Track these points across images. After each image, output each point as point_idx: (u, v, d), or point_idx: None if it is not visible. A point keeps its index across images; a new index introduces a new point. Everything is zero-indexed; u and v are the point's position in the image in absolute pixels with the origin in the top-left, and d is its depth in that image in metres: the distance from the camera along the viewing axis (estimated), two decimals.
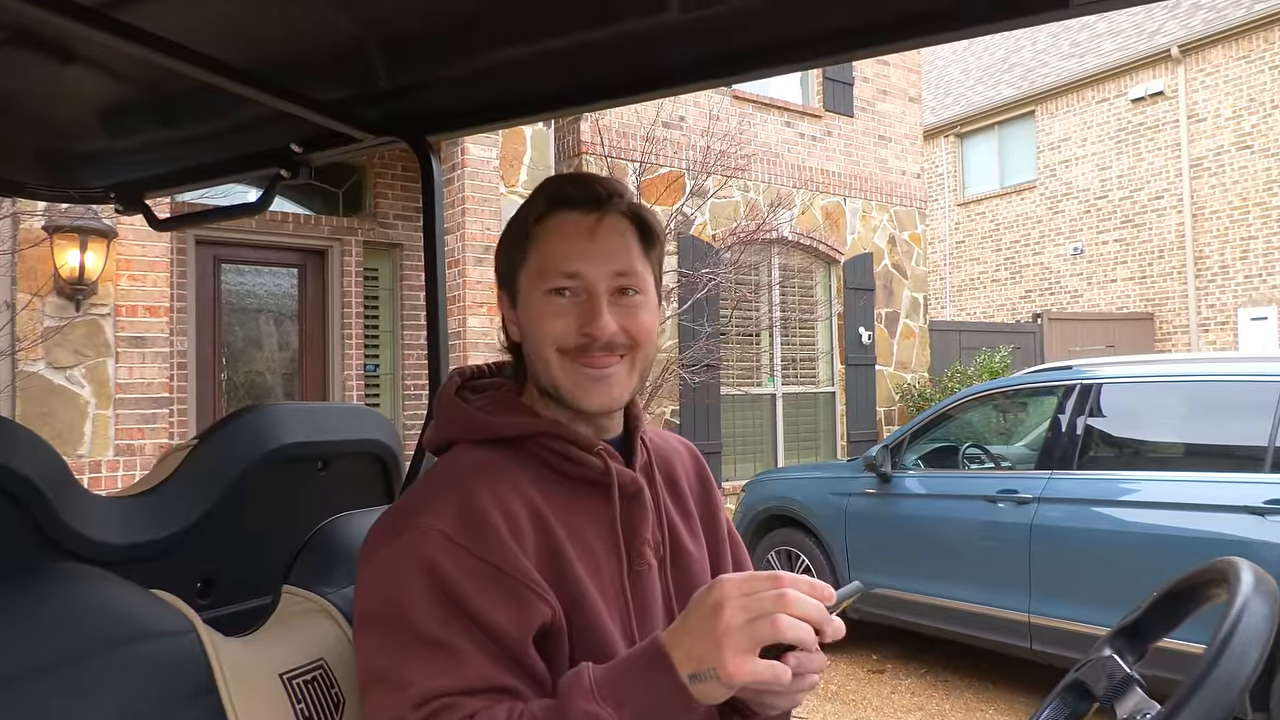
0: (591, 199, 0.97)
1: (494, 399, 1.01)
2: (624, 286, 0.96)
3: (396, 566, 0.85)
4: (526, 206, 1.00)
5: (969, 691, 4.44)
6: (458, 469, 0.94)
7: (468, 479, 0.91)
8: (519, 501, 0.90)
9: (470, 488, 0.90)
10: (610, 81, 1.30)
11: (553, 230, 0.97)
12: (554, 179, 1.01)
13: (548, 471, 0.96)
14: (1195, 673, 0.65)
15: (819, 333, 9.38)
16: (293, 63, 1.24)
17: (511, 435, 0.96)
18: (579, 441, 0.96)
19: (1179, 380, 4.08)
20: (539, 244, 0.97)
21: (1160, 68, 12.98)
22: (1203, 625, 0.87)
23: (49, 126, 1.52)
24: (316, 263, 6.68)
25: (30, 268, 4.97)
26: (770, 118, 8.83)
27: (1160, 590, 0.88)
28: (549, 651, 0.87)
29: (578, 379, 0.95)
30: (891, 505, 4.83)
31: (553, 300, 0.95)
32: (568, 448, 0.96)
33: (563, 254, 0.95)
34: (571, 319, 0.95)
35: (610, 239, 0.96)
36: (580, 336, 0.94)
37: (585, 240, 0.95)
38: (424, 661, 0.81)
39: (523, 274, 0.99)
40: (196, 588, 1.22)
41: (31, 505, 1.02)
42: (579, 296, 0.95)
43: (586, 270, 0.95)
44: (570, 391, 0.96)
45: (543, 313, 0.95)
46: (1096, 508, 3.92)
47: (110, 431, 5.16)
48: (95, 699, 0.83)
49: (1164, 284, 12.97)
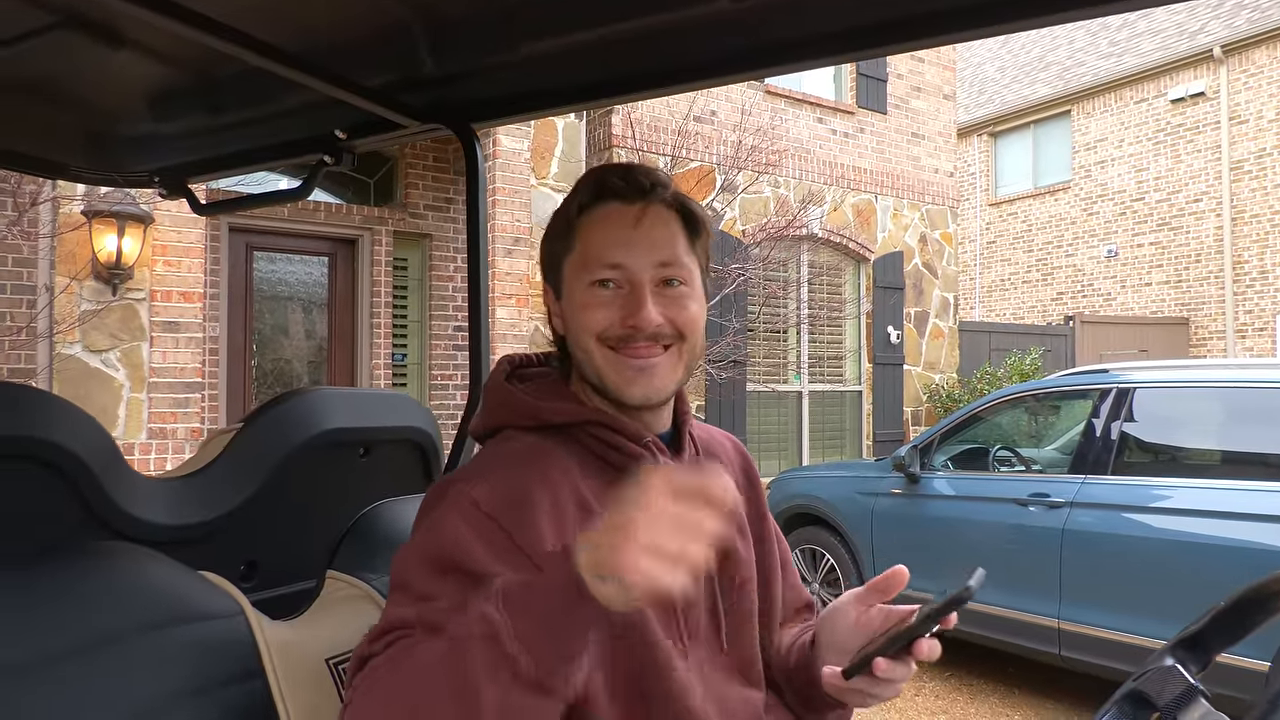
0: (635, 189, 0.96)
1: (542, 387, 1.01)
2: (669, 277, 0.95)
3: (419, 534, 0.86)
4: (571, 197, 0.99)
5: (994, 696, 4.39)
6: (508, 451, 0.94)
7: (517, 462, 0.91)
8: (566, 488, 0.90)
9: (518, 471, 0.89)
10: (652, 71, 1.29)
11: (596, 221, 0.96)
12: (598, 169, 1.00)
13: (595, 460, 0.95)
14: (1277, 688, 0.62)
15: (847, 331, 9.31)
16: (341, 48, 1.24)
17: (560, 422, 0.95)
18: (627, 432, 0.95)
19: (1217, 386, 4.00)
20: (582, 235, 0.96)
21: (1202, 68, 12.73)
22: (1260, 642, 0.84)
23: (95, 109, 1.53)
24: (346, 252, 6.73)
25: (69, 251, 5.04)
26: (802, 113, 8.76)
27: (1227, 599, 0.85)
28: None
29: (620, 369, 0.94)
30: (919, 506, 4.78)
31: (596, 291, 0.94)
32: (615, 437, 0.95)
33: (606, 244, 0.94)
34: (615, 310, 0.93)
35: (654, 229, 0.95)
36: (623, 328, 0.93)
37: (629, 230, 0.94)
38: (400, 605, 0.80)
39: (566, 265, 0.97)
40: (240, 570, 1.23)
41: (79, 482, 1.03)
42: (622, 288, 0.94)
43: (630, 261, 0.94)
44: (613, 382, 0.94)
45: (585, 303, 0.94)
46: (1130, 514, 3.86)
47: (144, 415, 5.23)
48: (142, 678, 0.83)
49: (1200, 288, 12.74)
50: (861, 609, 0.97)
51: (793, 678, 1.03)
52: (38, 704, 0.76)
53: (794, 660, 1.03)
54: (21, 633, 0.79)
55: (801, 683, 1.01)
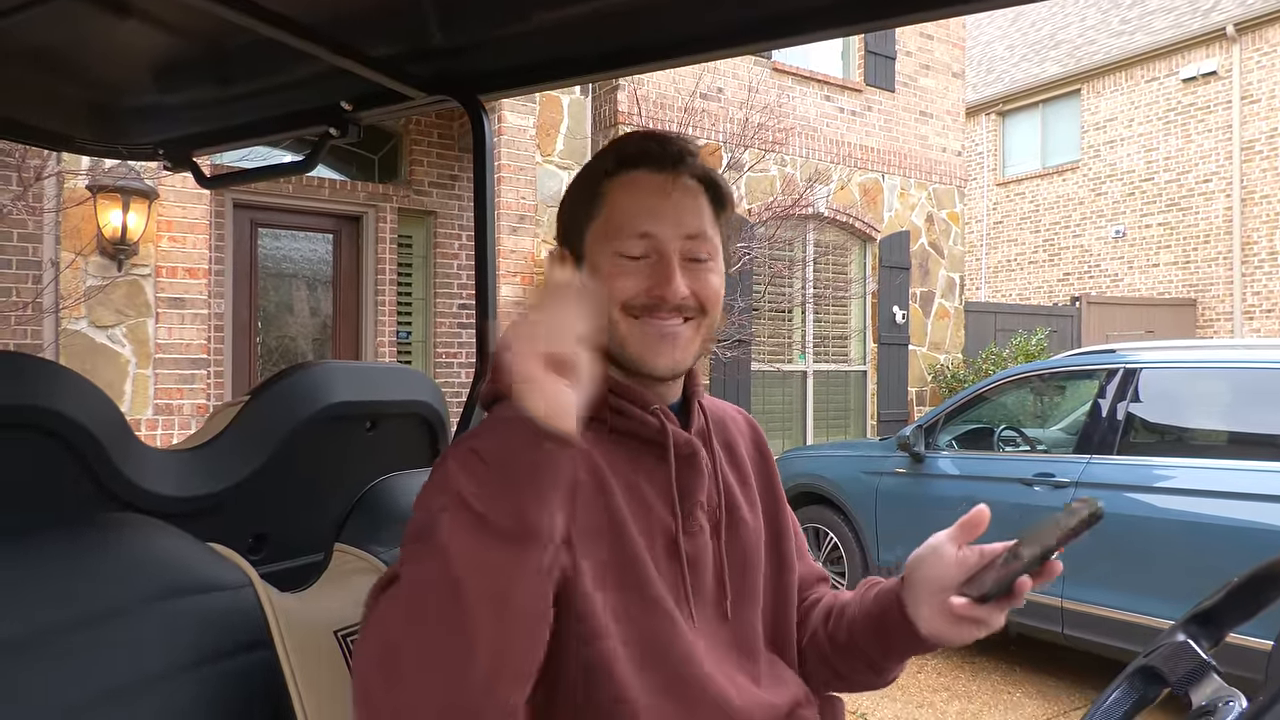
0: (668, 157, 0.94)
1: None
2: (694, 249, 0.94)
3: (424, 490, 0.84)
4: (597, 161, 0.97)
5: (996, 674, 4.42)
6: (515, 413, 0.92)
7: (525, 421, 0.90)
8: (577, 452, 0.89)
9: None
10: (660, 42, 1.27)
11: (625, 187, 0.94)
12: (629, 135, 0.98)
13: (602, 427, 0.94)
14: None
15: (852, 310, 9.28)
16: (348, 17, 1.22)
17: None
18: (636, 399, 0.95)
19: (1225, 366, 3.98)
20: (610, 201, 0.94)
21: (1214, 46, 12.58)
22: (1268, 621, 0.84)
23: (100, 80, 1.52)
24: (351, 229, 6.71)
25: (74, 227, 5.03)
26: (810, 91, 8.69)
27: (1241, 575, 0.85)
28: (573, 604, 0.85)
29: (644, 337, 0.93)
30: (924, 485, 4.78)
31: (621, 260, 0.93)
32: (624, 404, 0.94)
33: (635, 212, 0.93)
34: (641, 279, 0.92)
35: (683, 199, 0.94)
36: (649, 297, 0.92)
37: (659, 199, 0.93)
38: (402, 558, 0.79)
39: (590, 231, 0.96)
40: (248, 543, 1.23)
41: (87, 454, 1.02)
42: (649, 257, 0.93)
43: (659, 231, 0.92)
44: (636, 351, 0.93)
45: (611, 272, 0.93)
46: (1136, 494, 3.85)
47: (150, 391, 5.25)
48: (151, 649, 0.83)
49: (1208, 269, 12.67)
50: (955, 548, 0.97)
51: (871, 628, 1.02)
52: (46, 674, 0.76)
53: (874, 610, 1.01)
54: (30, 603, 0.79)
55: (889, 629, 0.99)
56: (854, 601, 1.06)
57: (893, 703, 4.02)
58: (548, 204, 6.94)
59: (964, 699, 4.11)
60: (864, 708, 3.94)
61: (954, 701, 4.08)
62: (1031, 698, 4.12)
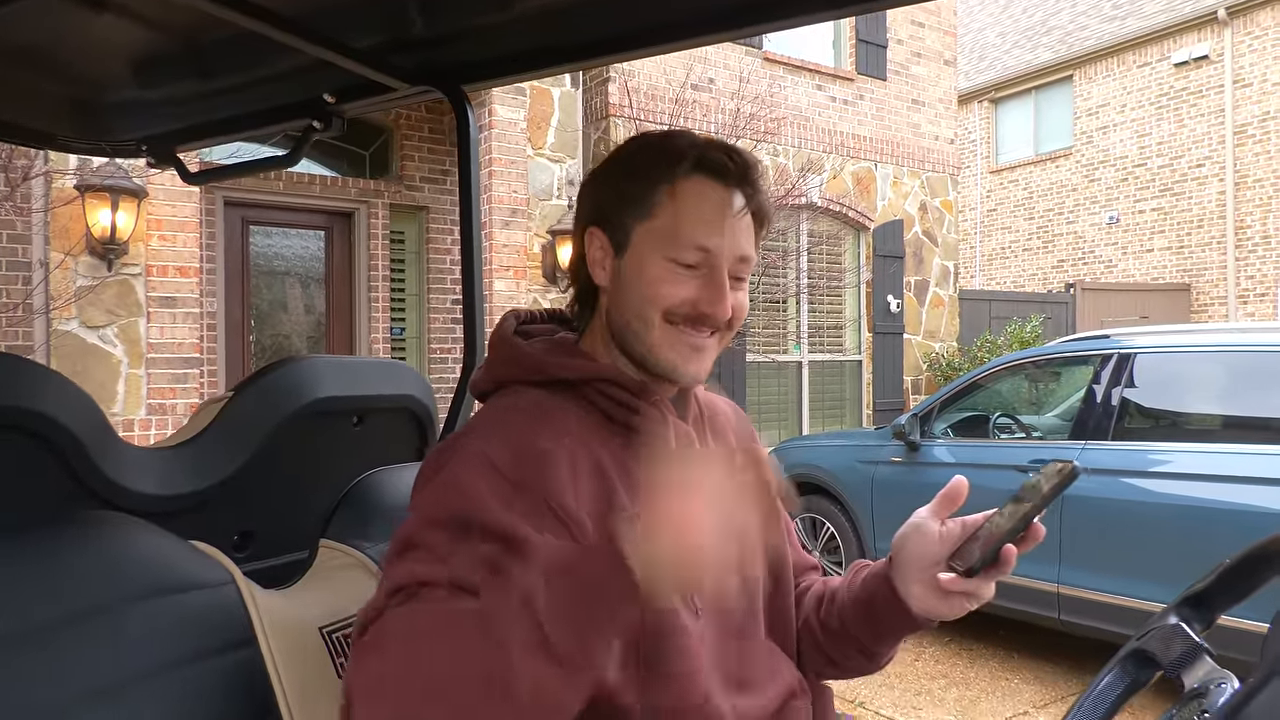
0: (738, 173, 0.93)
1: (550, 343, 0.99)
2: (740, 270, 0.95)
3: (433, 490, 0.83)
4: (663, 157, 0.93)
5: (994, 660, 4.43)
6: (513, 407, 0.92)
7: (525, 417, 0.89)
8: (577, 444, 0.89)
9: (527, 425, 0.88)
10: (646, 29, 1.26)
11: (691, 194, 0.92)
12: (700, 142, 0.95)
13: (601, 417, 0.94)
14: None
15: (847, 300, 9.28)
16: (329, 8, 1.21)
17: (570, 378, 0.93)
18: (636, 390, 0.94)
19: (1218, 350, 3.98)
20: (673, 204, 0.92)
21: (1206, 30, 12.57)
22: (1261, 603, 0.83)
23: (81, 76, 1.50)
24: (343, 225, 6.69)
25: (63, 226, 5.00)
26: (801, 80, 8.66)
27: (1233, 557, 0.84)
28: None
29: (678, 346, 0.93)
30: (919, 474, 4.78)
31: (673, 267, 0.92)
32: (624, 395, 0.94)
33: (696, 224, 0.91)
34: (690, 289, 0.92)
35: (741, 219, 0.94)
36: (695, 310, 0.92)
37: (722, 215, 0.92)
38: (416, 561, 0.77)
39: (640, 228, 0.93)
40: (233, 540, 1.22)
41: (67, 452, 1.01)
42: (700, 269, 0.92)
43: (717, 247, 0.92)
44: (667, 358, 0.93)
45: (661, 277, 0.92)
46: (1131, 479, 3.86)
47: (142, 390, 5.23)
48: (133, 649, 0.82)
49: (1202, 254, 12.68)
50: (938, 523, 0.97)
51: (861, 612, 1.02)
52: (26, 674, 0.75)
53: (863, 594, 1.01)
54: (9, 602, 0.78)
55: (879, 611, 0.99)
56: (844, 587, 1.05)
57: (890, 690, 4.02)
58: (539, 197, 6.91)
59: (962, 685, 4.12)
60: (862, 696, 3.95)
61: (952, 689, 4.09)
62: (1029, 683, 4.13)
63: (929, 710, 3.85)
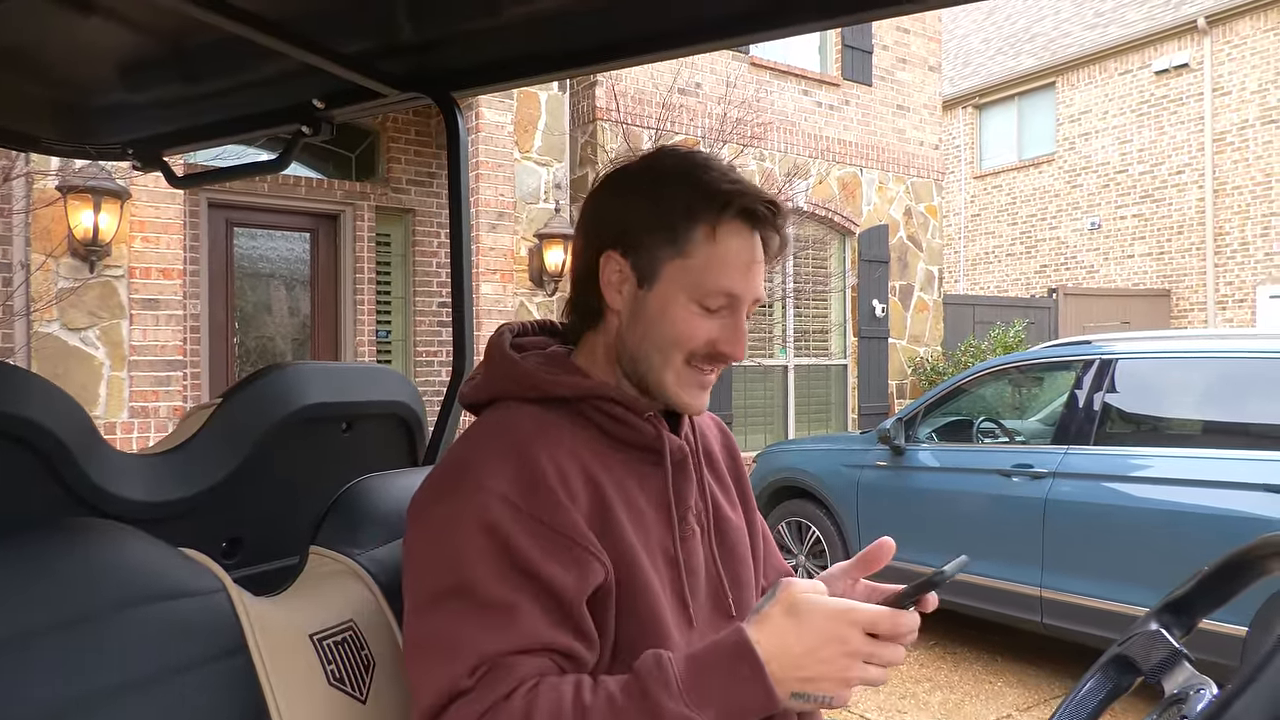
0: (772, 223, 0.95)
1: (544, 358, 0.99)
2: (752, 310, 0.97)
3: (454, 528, 0.83)
4: (704, 196, 0.92)
5: (978, 664, 4.46)
6: (511, 426, 0.92)
7: (525, 438, 0.90)
8: (573, 463, 0.90)
9: (528, 448, 0.88)
10: (635, 37, 1.27)
11: (730, 240, 0.92)
12: (743, 186, 0.93)
13: (597, 434, 0.95)
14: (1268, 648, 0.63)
15: (832, 304, 9.32)
16: (318, 13, 1.21)
17: (566, 395, 0.94)
18: (633, 406, 0.95)
19: (1199, 356, 4.03)
20: (709, 246, 0.92)
21: (1186, 39, 12.72)
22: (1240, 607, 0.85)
23: (66, 80, 1.49)
24: (329, 227, 6.66)
25: (44, 228, 4.95)
26: (787, 86, 8.71)
27: (1212, 564, 0.86)
28: (596, 611, 0.87)
29: (689, 384, 0.95)
30: (904, 478, 4.81)
31: (699, 309, 0.93)
32: (621, 411, 0.95)
33: (728, 271, 0.92)
34: (712, 331, 0.94)
35: (761, 266, 0.96)
36: (714, 351, 0.94)
37: (751, 262, 0.94)
38: (478, 624, 0.80)
39: (673, 265, 0.93)
40: (222, 547, 1.21)
41: (55, 460, 1.01)
42: (721, 312, 0.94)
43: (743, 293, 0.94)
44: (675, 392, 0.95)
45: (685, 317, 0.93)
46: (1112, 484, 3.90)
47: (125, 393, 5.18)
48: (122, 656, 0.82)
49: (1182, 260, 12.82)
50: (848, 583, 0.99)
51: None
52: (13, 682, 0.75)
53: None
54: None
55: None
56: None
57: (875, 694, 4.04)
58: (526, 200, 6.91)
59: (946, 689, 4.15)
60: None
61: (936, 692, 4.11)
62: (1012, 686, 4.16)
63: (913, 714, 3.87)
